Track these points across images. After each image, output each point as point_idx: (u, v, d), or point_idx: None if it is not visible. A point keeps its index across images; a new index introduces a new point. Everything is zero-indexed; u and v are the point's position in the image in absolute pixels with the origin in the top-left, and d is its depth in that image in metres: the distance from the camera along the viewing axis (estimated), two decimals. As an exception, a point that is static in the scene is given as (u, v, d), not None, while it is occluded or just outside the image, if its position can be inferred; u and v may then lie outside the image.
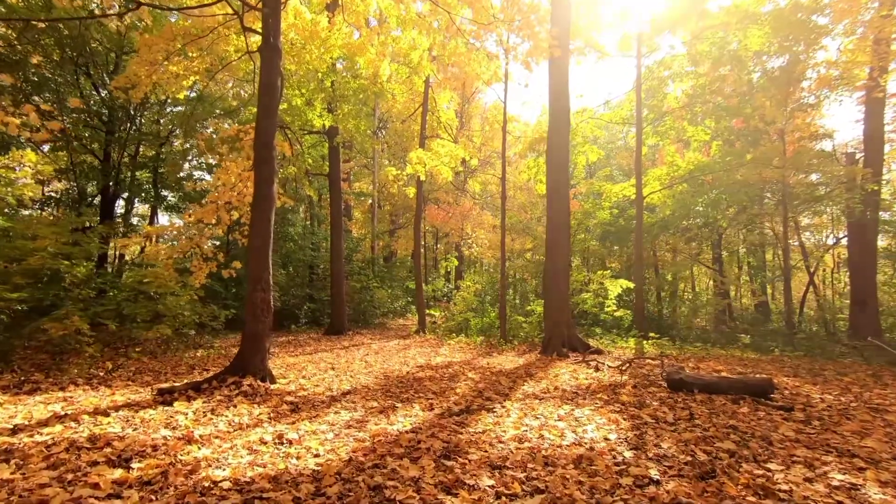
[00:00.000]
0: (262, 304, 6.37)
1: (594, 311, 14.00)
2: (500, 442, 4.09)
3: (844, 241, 19.38)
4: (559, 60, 10.93)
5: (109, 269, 12.28)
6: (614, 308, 13.70)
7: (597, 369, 7.72)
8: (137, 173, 19.04)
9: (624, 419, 4.78)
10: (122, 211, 18.54)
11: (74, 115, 16.93)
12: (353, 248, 21.12)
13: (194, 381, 6.06)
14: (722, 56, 14.32)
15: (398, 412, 5.13)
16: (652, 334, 11.58)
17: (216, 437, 4.06)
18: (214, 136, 10.20)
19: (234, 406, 5.09)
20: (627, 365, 7.78)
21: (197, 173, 16.18)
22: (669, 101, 15.43)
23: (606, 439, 4.18)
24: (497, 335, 13.25)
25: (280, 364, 8.55)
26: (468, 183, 28.11)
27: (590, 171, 25.92)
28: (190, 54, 10.34)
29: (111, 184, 16.97)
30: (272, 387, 6.18)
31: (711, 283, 21.89)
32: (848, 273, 18.39)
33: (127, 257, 17.52)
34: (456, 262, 17.32)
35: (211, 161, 15.18)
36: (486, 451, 3.83)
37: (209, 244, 9.68)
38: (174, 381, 6.68)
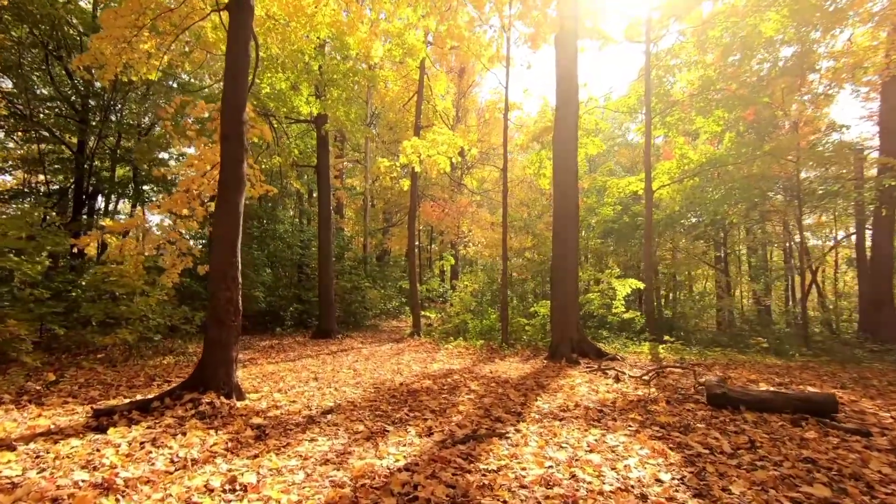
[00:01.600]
0: (227, 304, 5.36)
1: (601, 313, 13.08)
2: (522, 486, 3.12)
3: (849, 240, 18.75)
4: (567, 38, 10.01)
5: (77, 268, 11.18)
6: (622, 309, 12.79)
7: (617, 380, 6.78)
8: (117, 167, 17.98)
9: (671, 449, 3.83)
10: (103, 207, 17.45)
11: (46, 103, 15.85)
12: (343, 246, 20.08)
13: (143, 398, 5.04)
14: (733, 43, 13.47)
15: (389, 439, 4.15)
16: (667, 338, 10.68)
17: (146, 483, 3.06)
18: (181, 117, 9.16)
19: (185, 433, 4.08)
20: (654, 375, 6.84)
21: (174, 163, 15.10)
22: (676, 91, 14.57)
23: (658, 480, 3.23)
24: (498, 338, 12.29)
25: (256, 373, 7.53)
26: (465, 179, 27.16)
27: (591, 166, 25.05)
28: (161, 30, 9.31)
29: (86, 177, 15.88)
30: (238, 404, 5.18)
31: (713, 283, 21.15)
32: (857, 273, 17.69)
33: (102, 256, 16.40)
34: (452, 261, 16.40)
35: (191, 151, 14.15)
36: (505, 502, 2.87)
37: (184, 238, 8.62)
38: (125, 397, 5.65)
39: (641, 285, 13.01)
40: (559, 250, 9.94)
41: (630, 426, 4.48)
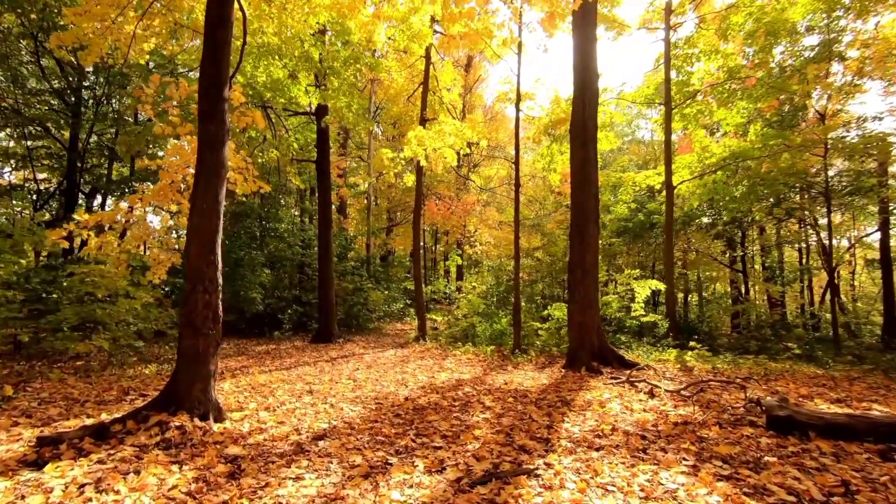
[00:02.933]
0: (205, 310, 4.60)
1: (619, 316, 12.25)
2: (570, 558, 2.33)
3: (871, 238, 17.86)
4: (586, 16, 9.21)
5: (56, 268, 10.48)
6: (642, 312, 11.96)
7: (651, 395, 5.97)
8: (115, 165, 17.33)
9: (747, 495, 3.03)
10: (100, 206, 16.78)
11: (37, 97, 15.22)
12: (346, 245, 19.34)
13: (98, 422, 4.29)
14: (757, 29, 12.63)
15: (392, 476, 3.37)
16: (693, 344, 9.85)
17: (67, 553, 2.29)
18: (161, 98, 8.43)
19: (140, 470, 3.31)
20: (698, 390, 6.01)
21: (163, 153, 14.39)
22: (696, 81, 13.71)
23: (747, 547, 2.43)
24: (509, 344, 11.49)
25: (245, 385, 6.77)
26: (471, 177, 26.37)
27: (602, 163, 24.17)
28: (147, 10, 8.60)
29: (78, 174, 15.22)
30: (215, 427, 4.41)
31: (727, 285, 20.22)
32: (881, 273, 16.79)
33: (79, 253, 15.72)
34: (459, 261, 15.61)
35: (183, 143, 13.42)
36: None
37: (169, 232, 7.90)
38: (89, 416, 4.90)
39: (662, 286, 12.18)
40: (577, 248, 9.13)
41: (685, 459, 3.68)
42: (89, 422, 4.68)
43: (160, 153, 13.38)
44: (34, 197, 16.22)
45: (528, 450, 3.96)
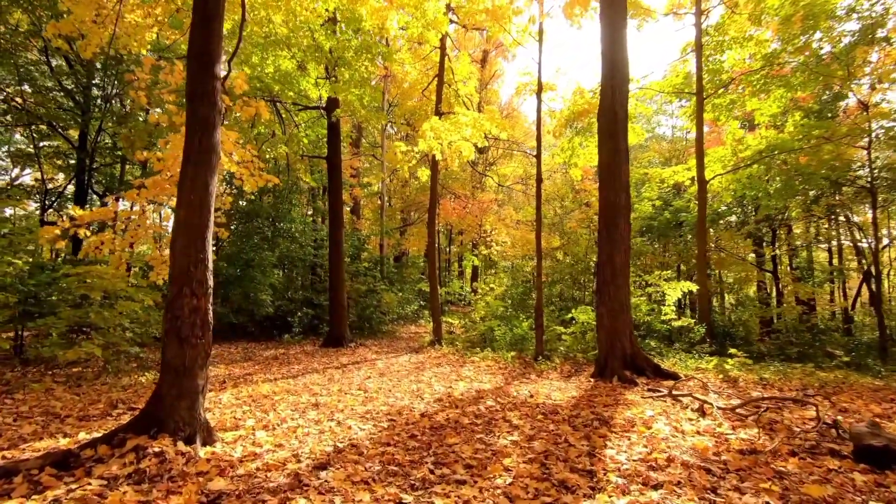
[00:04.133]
0: (192, 316, 4.01)
1: (648, 320, 11.45)
2: None
3: None
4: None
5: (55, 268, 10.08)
6: (673, 316, 11.15)
7: (703, 413, 5.22)
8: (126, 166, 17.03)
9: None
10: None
11: (47, 94, 14.97)
12: (358, 245, 18.79)
13: (65, 448, 3.72)
14: (794, 13, 11.73)
15: (407, 525, 2.72)
16: (733, 351, 9.02)
17: None
18: (155, 85, 7.93)
19: (99, 515, 2.72)
20: (761, 409, 5.24)
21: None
22: (727, 69, 12.83)
23: None
24: (530, 350, 10.79)
25: (245, 397, 6.19)
26: (486, 175, 25.67)
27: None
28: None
29: (87, 173, 14.92)
30: (202, 453, 3.81)
31: (750, 286, 19.17)
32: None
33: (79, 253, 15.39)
34: (478, 261, 14.92)
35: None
36: None
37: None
38: (66, 434, 4.35)
39: (695, 288, 11.34)
40: (606, 246, 8.40)
41: (769, 504, 2.97)
42: (64, 442, 4.13)
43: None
44: (43, 197, 15.98)
45: (570, 486, 3.28)
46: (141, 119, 14.93)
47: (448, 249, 30.48)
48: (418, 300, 21.31)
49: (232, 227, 15.97)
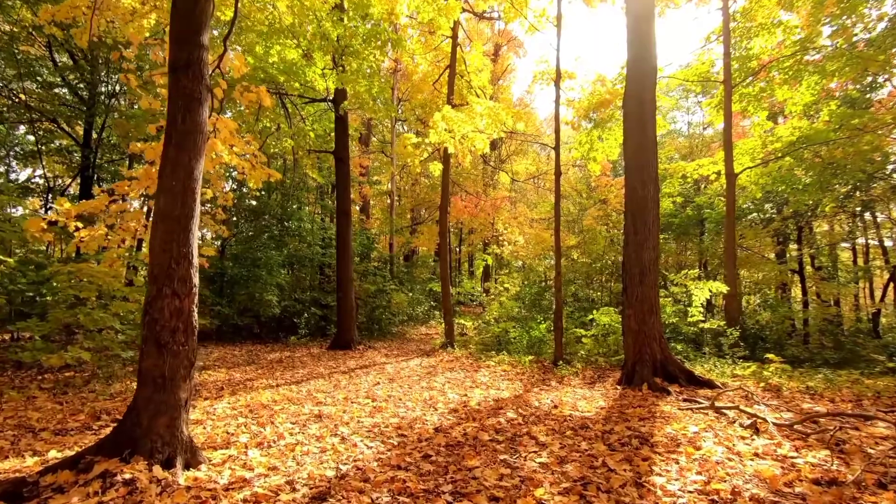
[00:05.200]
0: (173, 319, 3.49)
1: (674, 322, 10.77)
2: None
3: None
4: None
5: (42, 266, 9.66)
6: (700, 318, 10.46)
7: (756, 430, 4.59)
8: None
9: None
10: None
11: (47, 89, 14.67)
12: (367, 245, 18.28)
13: (19, 477, 3.20)
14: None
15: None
16: (771, 356, 8.32)
17: None
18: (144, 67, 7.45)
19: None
20: (835, 429, 4.58)
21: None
22: (756, 54, 12.08)
23: None
24: (548, 353, 10.19)
25: (243, 406, 5.66)
26: (498, 175, 25.07)
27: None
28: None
29: (91, 170, 14.58)
30: (182, 478, 3.28)
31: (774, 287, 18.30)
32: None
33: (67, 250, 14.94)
34: (491, 260, 14.32)
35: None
36: None
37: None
38: (36, 453, 3.85)
39: (725, 288, 10.63)
40: (634, 244, 7.78)
41: (880, 560, 2.35)
42: (31, 462, 3.63)
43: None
44: (46, 195, 15.68)
45: (620, 529, 2.69)
46: (137, 108, 14.58)
47: (458, 249, 29.89)
48: (429, 300, 20.76)
49: (238, 226, 15.56)
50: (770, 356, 8.40)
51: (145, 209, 14.98)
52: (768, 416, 4.89)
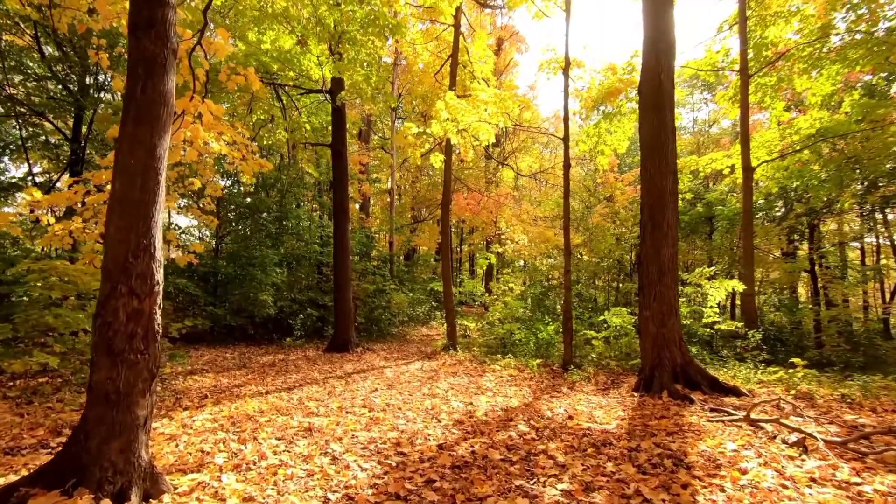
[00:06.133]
0: (130, 323, 2.95)
1: (687, 323, 10.21)
2: None
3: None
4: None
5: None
6: (716, 319, 9.90)
7: (805, 449, 4.04)
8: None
9: None
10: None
11: (36, 82, 14.16)
12: (366, 243, 17.74)
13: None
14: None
15: None
16: (796, 360, 7.77)
17: None
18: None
19: None
20: (888, 449, 4.03)
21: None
22: (771, 40, 11.50)
23: None
24: (556, 356, 9.65)
25: (224, 418, 5.11)
26: (501, 172, 24.51)
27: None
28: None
29: (81, 166, 14.05)
30: (137, 516, 2.74)
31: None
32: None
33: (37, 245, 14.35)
34: (494, 259, 13.77)
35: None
36: None
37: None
38: (-25, 477, 3.31)
39: (741, 287, 10.08)
40: (651, 240, 7.23)
41: None
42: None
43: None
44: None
45: (673, 588, 2.14)
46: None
47: (459, 249, 29.33)
48: (430, 301, 20.21)
49: (233, 224, 15.01)
50: (796, 360, 7.85)
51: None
52: (814, 432, 4.34)
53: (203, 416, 5.16)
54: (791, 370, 7.49)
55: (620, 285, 15.75)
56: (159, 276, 3.14)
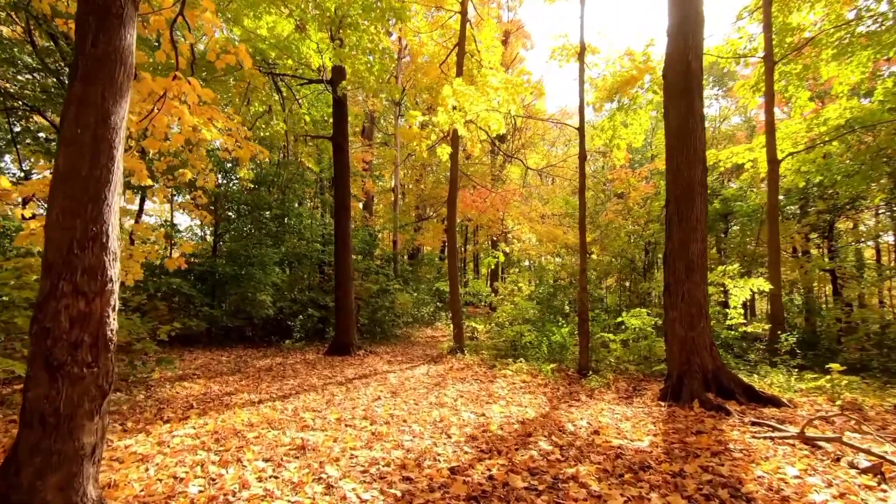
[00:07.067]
0: (75, 329, 2.39)
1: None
2: None
3: None
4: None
5: None
6: (741, 320, 9.28)
7: (883, 477, 3.43)
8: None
9: None
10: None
11: (29, 73, 13.68)
12: (369, 241, 17.19)
13: None
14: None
15: None
16: (834, 366, 7.14)
17: None
18: None
19: None
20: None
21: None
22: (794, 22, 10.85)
23: None
24: (570, 360, 9.07)
25: (207, 432, 4.56)
26: (507, 170, 23.93)
27: (656, 150, 21.37)
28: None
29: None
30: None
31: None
32: None
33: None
34: (503, 257, 13.19)
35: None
36: None
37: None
38: None
39: (767, 286, 9.45)
40: (678, 234, 6.64)
41: None
42: None
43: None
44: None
45: None
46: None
47: (464, 249, 28.76)
48: (434, 301, 19.65)
49: (232, 222, 14.46)
50: (833, 366, 7.22)
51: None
52: (888, 453, 3.74)
53: (185, 430, 4.60)
54: (831, 377, 6.87)
55: (632, 285, 15.14)
56: (114, 271, 2.58)
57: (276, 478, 3.43)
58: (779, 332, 8.56)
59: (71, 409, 2.37)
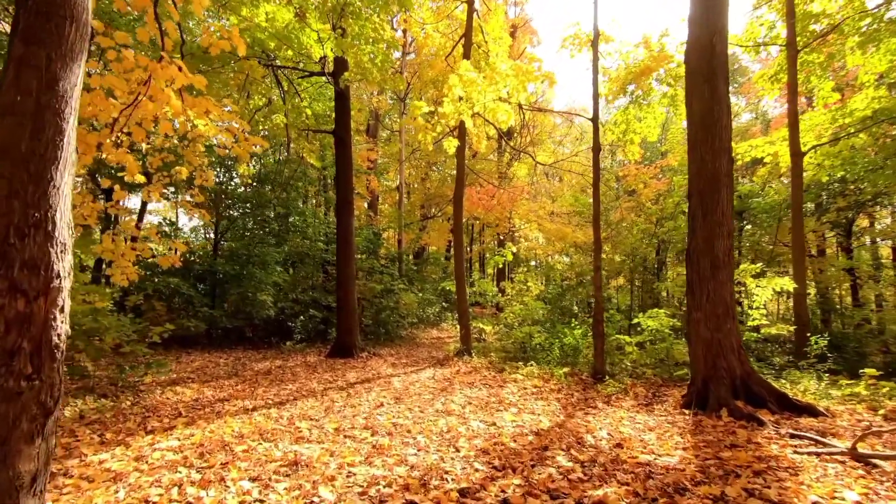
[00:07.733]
0: (9, 333, 1.98)
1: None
2: None
3: None
4: None
5: None
6: (764, 322, 8.79)
7: (962, 503, 2.99)
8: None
9: None
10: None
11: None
12: (373, 240, 16.80)
13: None
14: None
15: None
16: (869, 371, 6.64)
17: None
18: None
19: None
20: None
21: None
22: (820, 12, 10.35)
23: None
24: (583, 363, 8.62)
25: (192, 445, 4.16)
26: (514, 167, 23.48)
27: (668, 146, 20.83)
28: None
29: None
30: None
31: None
32: None
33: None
34: (511, 256, 12.76)
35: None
36: None
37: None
38: None
39: (791, 286, 8.95)
40: (703, 229, 6.19)
41: None
42: None
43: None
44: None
45: None
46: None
47: (469, 249, 28.35)
48: (440, 301, 19.22)
49: (234, 221, 14.11)
50: (870, 371, 6.72)
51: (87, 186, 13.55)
52: (957, 475, 3.28)
53: (168, 442, 4.21)
54: (868, 383, 6.38)
55: (644, 285, 14.65)
56: (62, 265, 2.18)
57: (261, 501, 3.02)
58: (807, 335, 8.03)
59: (5, 431, 1.96)
